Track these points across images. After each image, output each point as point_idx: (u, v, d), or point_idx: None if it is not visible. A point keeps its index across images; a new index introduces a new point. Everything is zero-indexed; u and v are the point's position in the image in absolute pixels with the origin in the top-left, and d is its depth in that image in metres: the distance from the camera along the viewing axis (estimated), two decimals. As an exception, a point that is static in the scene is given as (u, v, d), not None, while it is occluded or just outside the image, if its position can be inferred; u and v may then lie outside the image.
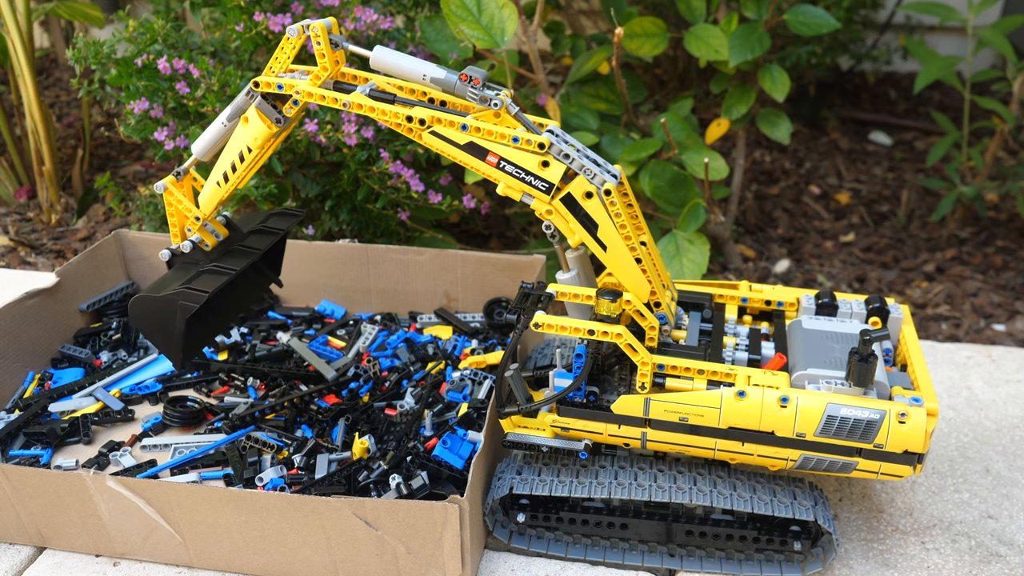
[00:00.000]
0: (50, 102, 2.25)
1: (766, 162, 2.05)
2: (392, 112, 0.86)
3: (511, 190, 0.86)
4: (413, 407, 1.08)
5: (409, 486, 0.93)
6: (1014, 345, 1.39)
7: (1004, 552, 0.96)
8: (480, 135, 0.85)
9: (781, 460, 0.86)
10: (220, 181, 0.95)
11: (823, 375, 0.86)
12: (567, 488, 0.89)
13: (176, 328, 0.94)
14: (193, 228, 0.98)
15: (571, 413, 0.88)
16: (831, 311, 0.96)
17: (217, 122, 0.95)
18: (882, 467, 0.84)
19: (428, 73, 0.87)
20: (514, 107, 0.87)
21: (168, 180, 0.96)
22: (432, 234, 1.48)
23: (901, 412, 0.82)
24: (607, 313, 0.85)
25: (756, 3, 1.41)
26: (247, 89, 0.91)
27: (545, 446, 0.90)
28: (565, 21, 1.63)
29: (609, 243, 0.85)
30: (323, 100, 0.88)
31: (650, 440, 0.87)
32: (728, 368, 0.87)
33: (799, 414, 0.83)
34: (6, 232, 1.69)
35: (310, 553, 0.88)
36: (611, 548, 0.94)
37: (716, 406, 0.84)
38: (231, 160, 0.94)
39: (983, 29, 1.62)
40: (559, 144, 0.84)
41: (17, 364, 1.16)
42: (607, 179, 0.85)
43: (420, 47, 1.39)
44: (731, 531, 0.91)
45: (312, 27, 0.88)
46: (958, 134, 1.69)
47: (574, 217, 0.85)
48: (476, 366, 1.14)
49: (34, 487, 0.90)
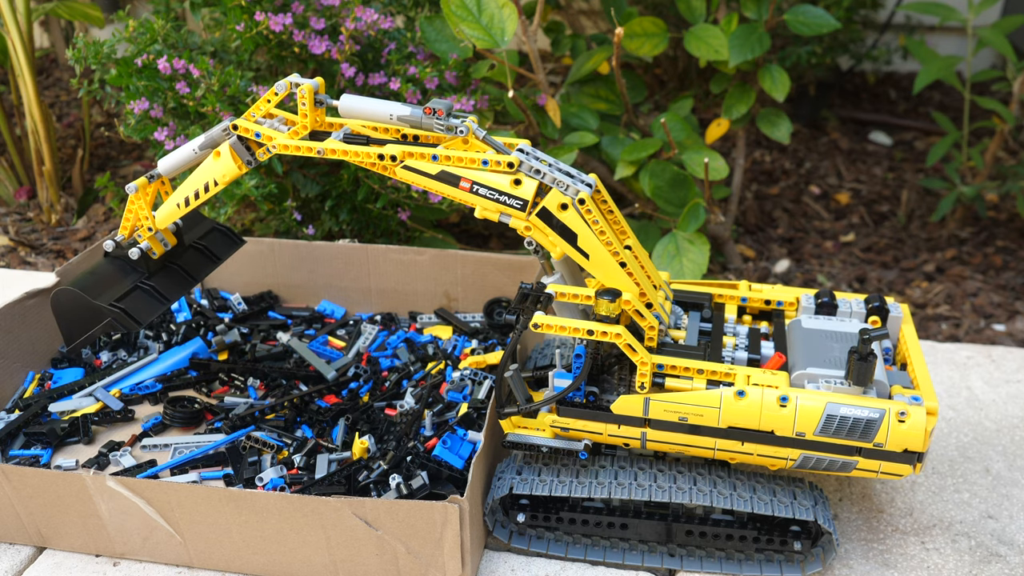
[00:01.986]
0: (50, 102, 2.25)
1: (766, 162, 2.05)
2: (364, 152, 0.88)
3: (488, 212, 0.87)
4: (413, 407, 1.08)
5: (409, 486, 0.93)
6: (1014, 345, 1.39)
7: (1004, 552, 0.96)
8: (451, 163, 0.86)
9: (781, 459, 0.86)
10: (181, 203, 0.97)
11: (822, 374, 0.86)
12: (567, 488, 0.89)
13: (95, 332, 0.97)
14: (144, 236, 1.01)
15: (571, 413, 0.88)
16: (831, 310, 0.96)
17: (189, 147, 0.97)
18: (882, 466, 0.84)
19: (394, 112, 0.90)
20: (481, 131, 0.89)
21: (140, 182, 0.98)
22: (432, 234, 1.48)
23: (901, 411, 0.82)
24: (606, 313, 0.85)
25: (756, 3, 1.41)
26: (224, 126, 0.94)
27: (545, 446, 0.90)
28: (565, 21, 1.63)
29: (591, 251, 0.85)
30: (298, 151, 0.91)
31: (650, 440, 0.87)
32: (727, 368, 0.87)
33: (799, 413, 0.83)
34: (6, 232, 1.69)
35: (310, 553, 0.88)
36: (611, 548, 0.94)
37: (716, 406, 0.84)
38: (196, 188, 0.96)
39: (983, 29, 1.62)
40: (529, 161, 0.85)
41: (17, 364, 1.16)
42: (581, 188, 0.85)
43: (420, 47, 1.40)
44: (731, 531, 0.91)
45: (300, 88, 0.91)
46: (958, 134, 1.69)
47: (552, 230, 0.86)
48: (476, 366, 1.14)
49: (34, 487, 0.90)
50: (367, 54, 1.41)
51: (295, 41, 1.32)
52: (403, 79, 1.34)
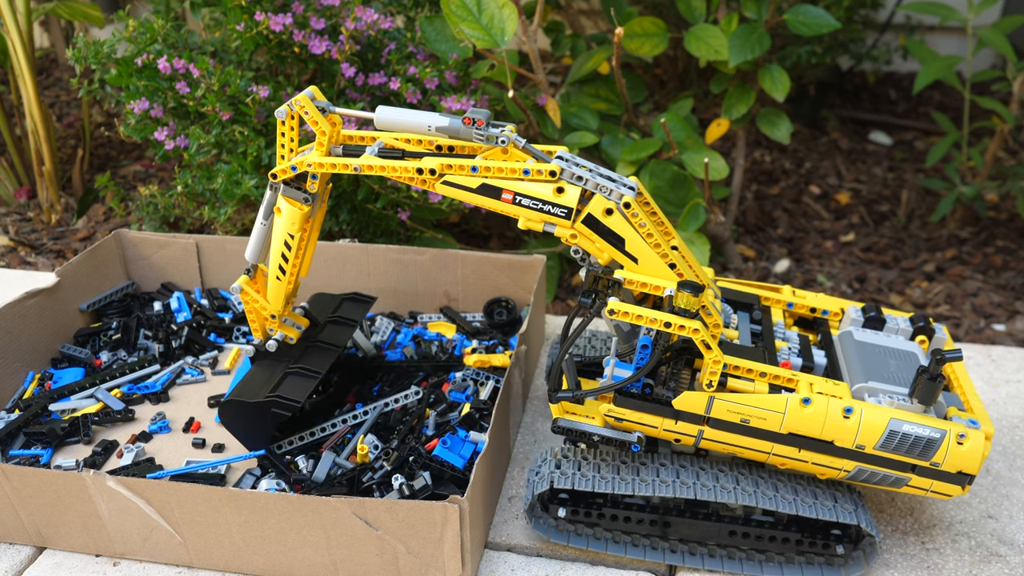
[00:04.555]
0: (50, 102, 2.25)
1: (766, 162, 2.05)
2: (402, 167, 0.87)
3: (532, 223, 0.85)
4: (416, 406, 1.08)
5: (411, 487, 0.93)
6: (1014, 345, 1.39)
7: (1004, 552, 0.96)
8: (491, 174, 0.85)
9: (835, 469, 0.86)
10: (279, 275, 0.99)
11: (884, 389, 0.86)
12: (609, 485, 0.87)
13: (267, 431, 1.00)
14: (273, 326, 1.04)
15: (628, 404, 0.86)
16: (878, 325, 0.97)
17: (257, 224, 0.99)
18: (933, 485, 0.85)
19: (432, 123, 0.89)
20: (521, 140, 0.87)
21: (241, 280, 1.00)
22: (432, 234, 1.48)
23: (960, 433, 0.82)
24: (685, 306, 0.82)
25: (756, 3, 1.41)
26: (269, 184, 0.95)
27: (596, 435, 0.88)
28: (565, 21, 1.63)
29: (639, 255, 0.84)
30: (334, 168, 0.90)
31: (705, 438, 0.86)
32: (791, 373, 0.86)
33: (862, 426, 0.83)
34: (6, 232, 1.69)
35: (310, 553, 0.88)
36: (651, 548, 0.93)
37: (780, 411, 0.83)
38: (280, 251, 0.97)
39: (983, 29, 1.62)
40: (570, 168, 0.84)
41: (17, 364, 1.16)
42: (624, 192, 0.84)
43: (420, 47, 1.39)
44: (775, 532, 0.90)
45: (295, 101, 0.91)
46: (958, 134, 1.69)
47: (599, 236, 0.84)
48: (479, 365, 1.13)
49: (34, 487, 0.90)
50: (367, 54, 1.41)
51: (295, 41, 1.32)
52: (403, 79, 1.34)
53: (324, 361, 1.04)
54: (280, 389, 0.99)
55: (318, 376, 1.02)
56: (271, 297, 1.01)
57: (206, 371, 1.21)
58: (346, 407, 1.11)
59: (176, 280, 1.38)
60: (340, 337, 1.08)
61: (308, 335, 1.08)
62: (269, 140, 1.35)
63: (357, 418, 1.06)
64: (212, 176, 1.35)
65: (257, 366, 1.04)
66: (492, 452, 0.94)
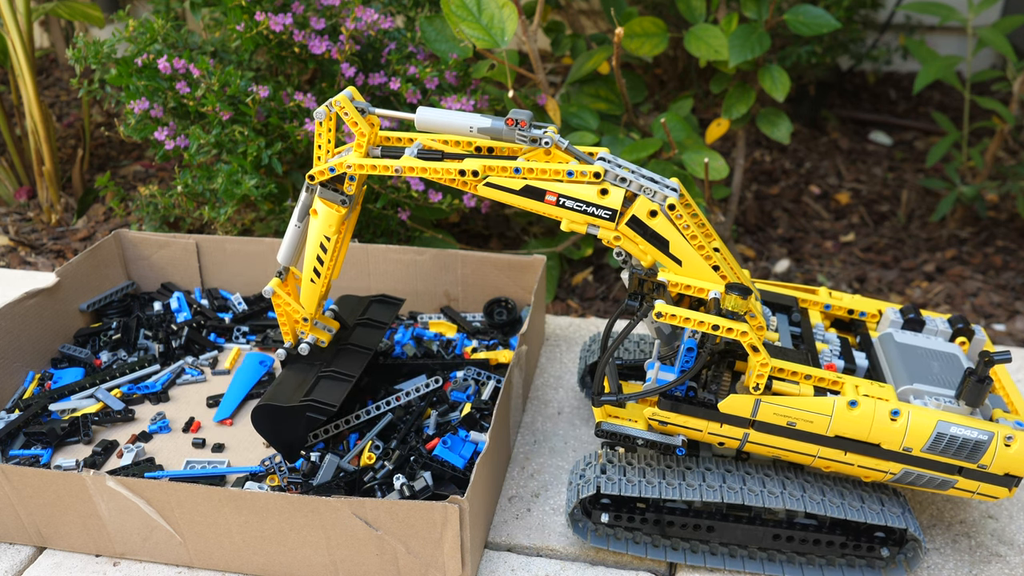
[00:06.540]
0: (50, 102, 2.25)
1: (766, 162, 2.05)
2: (444, 169, 0.86)
3: (576, 224, 0.85)
4: (417, 406, 1.08)
5: (412, 487, 0.93)
6: (1014, 345, 1.39)
7: (1004, 552, 0.96)
8: (534, 175, 0.84)
9: (880, 472, 0.85)
10: (313, 278, 0.98)
11: (930, 391, 0.86)
12: (656, 490, 0.86)
13: (301, 435, 1.00)
14: (304, 329, 1.03)
15: (673, 407, 0.86)
16: (918, 327, 0.96)
17: (291, 226, 0.99)
18: (980, 487, 0.84)
19: (474, 124, 0.88)
20: (563, 141, 0.87)
21: (273, 283, 0.99)
22: (432, 234, 1.48)
23: (1008, 435, 0.82)
24: (734, 309, 0.82)
25: (756, 3, 1.41)
26: (305, 185, 0.94)
27: (640, 439, 0.88)
28: (565, 21, 1.63)
29: (683, 257, 0.84)
30: (374, 169, 0.89)
31: (750, 441, 0.86)
32: (835, 376, 0.86)
33: (909, 428, 0.82)
34: (6, 232, 1.69)
35: (310, 553, 0.88)
36: (691, 551, 0.92)
37: (828, 413, 0.83)
38: (315, 254, 0.97)
39: (983, 29, 1.62)
40: (613, 169, 0.83)
41: (17, 364, 1.16)
42: (668, 194, 0.84)
43: (420, 47, 1.39)
44: (819, 535, 0.89)
45: (334, 102, 0.90)
46: (958, 134, 1.69)
47: (643, 238, 0.84)
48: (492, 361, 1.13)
49: (34, 487, 0.90)
50: (367, 54, 1.41)
51: (295, 41, 1.32)
52: (403, 79, 1.34)
53: (357, 364, 1.04)
54: (315, 393, 0.99)
55: (352, 380, 1.02)
56: (305, 300, 1.01)
57: (206, 371, 1.21)
58: None
59: (176, 280, 1.38)
60: (371, 340, 1.08)
61: (338, 338, 1.08)
62: (269, 140, 1.35)
63: (370, 413, 1.06)
64: (212, 176, 1.35)
65: (288, 370, 1.04)
66: (492, 452, 0.94)
